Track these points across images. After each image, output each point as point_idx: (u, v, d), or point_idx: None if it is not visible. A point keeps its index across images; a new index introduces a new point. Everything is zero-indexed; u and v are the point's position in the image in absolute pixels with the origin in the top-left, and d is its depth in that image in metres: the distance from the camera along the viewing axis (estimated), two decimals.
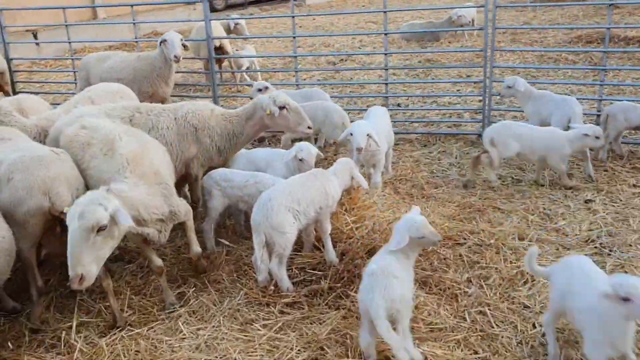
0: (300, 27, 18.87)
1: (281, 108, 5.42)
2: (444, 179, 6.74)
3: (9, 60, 10.27)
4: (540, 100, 7.13)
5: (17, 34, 15.89)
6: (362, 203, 5.18)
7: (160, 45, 7.74)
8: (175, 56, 7.60)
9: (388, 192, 6.01)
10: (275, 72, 12.28)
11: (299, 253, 4.78)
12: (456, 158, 7.44)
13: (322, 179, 4.62)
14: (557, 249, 5.06)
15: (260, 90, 7.64)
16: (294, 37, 8.83)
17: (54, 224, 4.34)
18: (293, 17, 8.63)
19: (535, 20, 17.34)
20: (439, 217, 5.49)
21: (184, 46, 7.86)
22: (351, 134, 5.58)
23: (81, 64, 8.77)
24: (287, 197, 4.37)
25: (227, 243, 5.21)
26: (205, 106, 5.61)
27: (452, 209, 5.80)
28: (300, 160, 5.19)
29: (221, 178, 5.22)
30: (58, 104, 9.75)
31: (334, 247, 4.71)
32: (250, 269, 4.77)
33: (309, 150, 5.22)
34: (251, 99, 7.70)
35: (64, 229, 3.85)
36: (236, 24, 11.87)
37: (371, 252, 4.62)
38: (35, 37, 16.78)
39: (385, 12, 8.01)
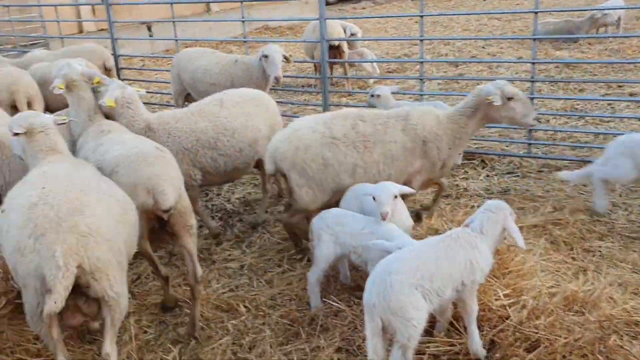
0: (416, 22, 17.47)
1: (509, 99, 4.88)
2: (608, 226, 5.32)
3: (116, 57, 9.92)
4: None
5: (132, 28, 15.91)
6: (516, 267, 3.95)
7: (260, 59, 6.98)
8: (276, 78, 6.84)
9: (543, 243, 4.71)
10: (394, 79, 11.00)
11: (430, 337, 3.62)
12: (620, 196, 5.94)
13: (466, 245, 3.37)
14: None
15: (373, 96, 6.86)
16: (421, 40, 7.60)
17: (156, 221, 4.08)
18: (422, 16, 7.43)
19: None
20: (616, 289, 4.12)
21: (285, 58, 7.04)
22: None
23: (174, 61, 8.19)
24: (413, 271, 3.21)
25: (336, 303, 4.19)
26: (430, 113, 4.98)
27: (630, 275, 4.41)
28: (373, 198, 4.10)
29: (334, 220, 4.22)
30: (171, 105, 9.35)
31: (480, 330, 3.54)
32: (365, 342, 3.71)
33: (380, 187, 4.11)
34: (371, 105, 6.77)
35: (162, 225, 4.00)
36: (352, 33, 10.85)
37: (533, 347, 3.40)
38: (149, 30, 16.68)
39: (536, 12, 6.61)
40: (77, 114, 4.99)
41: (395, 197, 4.05)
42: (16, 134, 4.05)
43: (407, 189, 4.22)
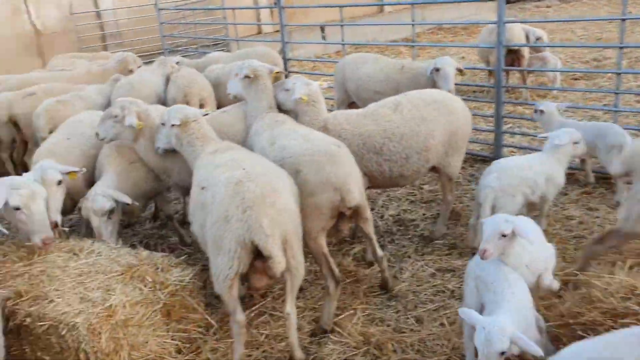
0: (609, 22, 15.39)
1: None
2: None
3: (286, 60, 9.99)
4: None
5: (306, 30, 16.15)
6: None
7: (431, 73, 6.48)
8: (448, 92, 6.20)
9: None
10: (579, 91, 9.61)
11: None
12: None
13: None
14: None
15: (537, 112, 6.29)
16: (621, 48, 6.46)
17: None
18: (623, 20, 6.30)
19: None
20: None
21: (459, 70, 6.49)
22: None
23: (337, 67, 7.90)
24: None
25: None
26: None
27: None
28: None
29: (477, 265, 3.61)
30: (332, 110, 9.10)
31: None
32: None
33: (490, 220, 3.51)
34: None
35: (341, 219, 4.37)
36: (537, 38, 9.77)
37: None
38: (322, 31, 16.84)
39: None
40: (258, 101, 5.29)
41: (504, 235, 3.38)
42: (173, 125, 4.69)
43: (523, 233, 3.41)
